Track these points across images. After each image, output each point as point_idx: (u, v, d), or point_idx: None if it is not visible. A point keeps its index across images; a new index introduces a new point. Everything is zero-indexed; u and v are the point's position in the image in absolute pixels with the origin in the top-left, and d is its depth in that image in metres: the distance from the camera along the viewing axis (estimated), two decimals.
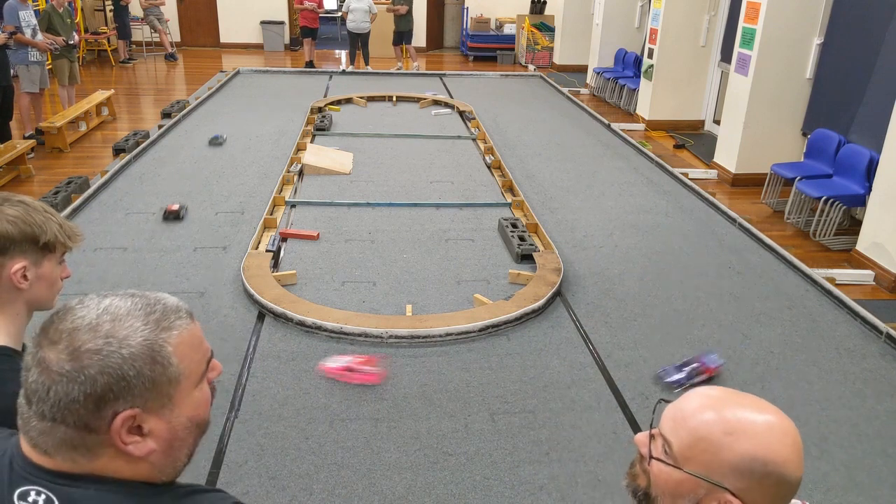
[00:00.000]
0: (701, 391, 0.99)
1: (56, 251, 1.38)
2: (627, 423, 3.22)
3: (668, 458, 0.95)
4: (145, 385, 0.88)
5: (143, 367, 0.88)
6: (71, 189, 5.66)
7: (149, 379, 0.88)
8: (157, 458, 0.92)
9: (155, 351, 0.89)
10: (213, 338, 3.72)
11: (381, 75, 11.70)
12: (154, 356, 0.89)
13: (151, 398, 0.89)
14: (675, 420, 0.96)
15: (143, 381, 0.88)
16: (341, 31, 15.16)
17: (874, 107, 5.83)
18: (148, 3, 12.67)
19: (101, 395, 0.86)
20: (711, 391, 0.98)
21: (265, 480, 2.79)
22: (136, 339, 0.88)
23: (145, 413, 0.89)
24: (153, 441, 0.91)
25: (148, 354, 0.88)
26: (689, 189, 6.40)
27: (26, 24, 7.04)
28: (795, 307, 4.33)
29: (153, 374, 0.89)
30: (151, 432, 0.90)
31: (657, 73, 9.01)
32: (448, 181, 6.38)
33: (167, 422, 0.91)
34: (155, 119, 8.64)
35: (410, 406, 3.28)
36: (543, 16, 13.95)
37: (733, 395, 0.97)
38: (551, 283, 4.34)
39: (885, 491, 2.87)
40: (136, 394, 0.88)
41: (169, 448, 0.93)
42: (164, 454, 0.92)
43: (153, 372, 0.89)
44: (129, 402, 0.88)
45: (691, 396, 0.98)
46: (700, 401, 0.96)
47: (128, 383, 0.87)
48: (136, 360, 0.88)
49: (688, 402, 0.97)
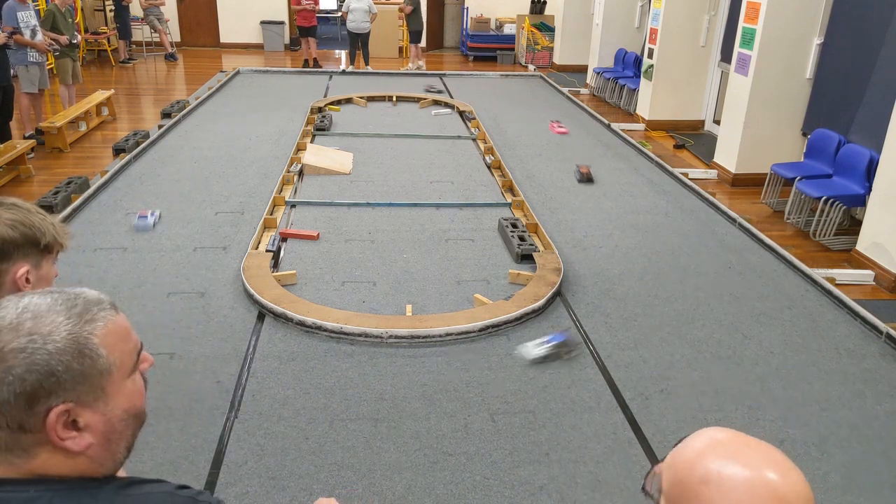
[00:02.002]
0: (710, 432, 0.93)
1: (53, 252, 1.39)
2: (627, 423, 3.22)
3: (656, 495, 0.93)
4: (76, 379, 0.89)
5: (70, 361, 0.88)
6: (71, 189, 5.66)
7: (78, 372, 0.89)
8: (95, 451, 0.92)
9: (81, 344, 0.89)
10: (213, 338, 3.72)
11: (381, 75, 11.70)
12: (81, 349, 0.89)
13: (84, 391, 0.90)
14: (672, 457, 0.93)
15: (72, 375, 0.88)
16: (341, 31, 15.16)
17: (874, 107, 5.83)
18: (148, 3, 12.68)
19: (32, 394, 0.86)
20: (719, 433, 0.92)
21: (265, 480, 2.79)
22: (61, 333, 0.88)
23: (79, 407, 0.90)
24: (90, 435, 0.91)
25: (74, 348, 0.89)
26: (689, 189, 6.40)
27: (25, 24, 7.03)
28: (795, 307, 4.33)
29: (82, 367, 0.89)
30: (88, 426, 0.91)
31: (657, 73, 9.01)
32: (448, 181, 6.38)
33: (102, 414, 0.92)
34: (155, 119, 8.64)
35: (410, 406, 3.28)
36: (543, 16, 13.95)
37: (740, 442, 0.90)
38: (551, 283, 4.34)
39: (884, 492, 2.87)
40: (68, 388, 0.88)
41: (107, 441, 0.93)
42: (102, 447, 0.93)
43: (82, 365, 0.89)
44: (62, 397, 0.88)
45: (698, 436, 0.93)
46: (701, 442, 0.92)
47: (57, 378, 0.87)
48: (63, 355, 0.88)
49: (691, 441, 0.93)
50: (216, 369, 3.47)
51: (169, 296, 4.16)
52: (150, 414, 1.02)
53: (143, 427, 1.01)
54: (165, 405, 3.15)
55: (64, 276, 1.55)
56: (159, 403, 3.14)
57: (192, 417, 3.12)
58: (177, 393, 3.27)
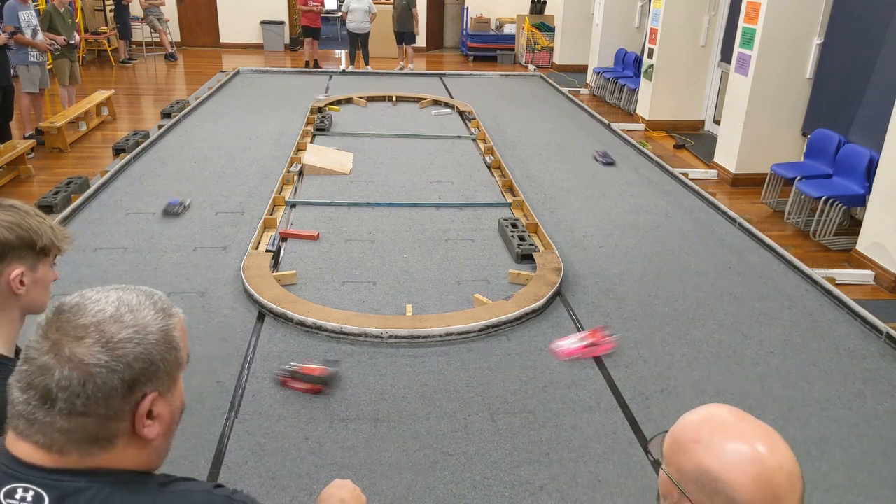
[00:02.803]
0: (713, 406, 0.97)
1: (50, 255, 1.38)
2: (627, 423, 3.22)
3: (659, 457, 0.98)
4: (166, 369, 0.95)
5: (164, 352, 0.95)
6: (71, 189, 5.66)
7: (168, 363, 0.95)
8: (159, 441, 0.98)
9: (170, 336, 0.96)
10: (213, 338, 3.72)
11: (381, 75, 11.70)
12: (169, 341, 0.96)
13: (166, 382, 0.96)
14: (675, 424, 0.98)
15: (166, 366, 0.95)
16: (341, 31, 15.16)
17: (874, 107, 5.83)
18: (148, 3, 12.68)
19: (134, 381, 0.91)
20: (720, 408, 0.96)
21: (265, 480, 2.79)
22: (156, 326, 0.95)
23: (160, 397, 0.95)
24: (158, 424, 0.96)
25: (166, 340, 0.95)
26: (689, 189, 6.40)
27: (26, 24, 7.03)
28: (795, 307, 4.33)
29: (171, 358, 0.96)
30: (159, 416, 0.96)
31: (657, 73, 9.01)
32: (448, 181, 6.38)
33: (170, 405, 0.98)
34: (155, 119, 8.64)
35: (410, 406, 3.28)
36: (543, 16, 13.95)
37: (738, 417, 0.94)
38: (551, 283, 4.34)
39: (885, 491, 2.87)
40: (159, 378, 0.94)
41: (168, 431, 0.99)
42: (164, 437, 0.98)
43: (171, 356, 0.96)
44: (154, 386, 0.94)
45: (701, 407, 0.98)
46: (702, 412, 0.96)
47: (157, 368, 0.94)
48: (160, 346, 0.94)
49: (694, 410, 0.98)
50: (216, 369, 3.47)
51: (169, 296, 4.08)
52: None
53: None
54: None
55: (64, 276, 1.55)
56: None
57: (192, 417, 3.11)
58: None
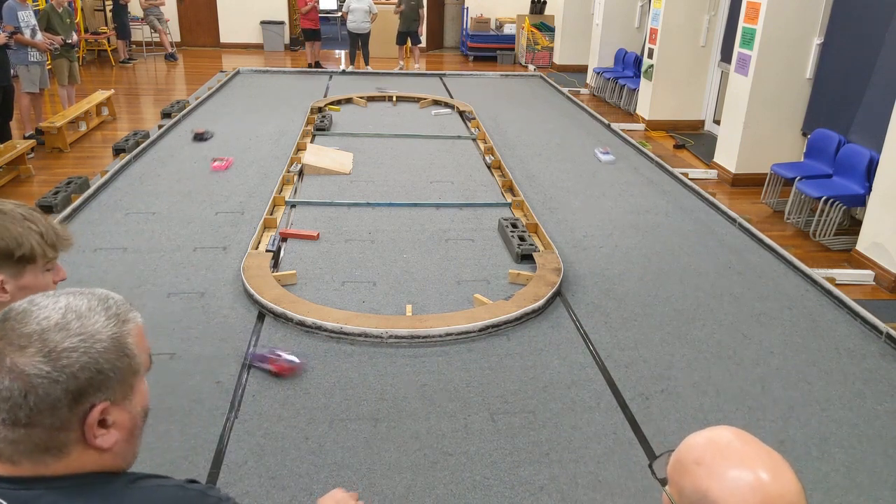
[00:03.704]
0: (718, 429, 0.96)
1: (37, 262, 1.34)
2: (627, 423, 3.22)
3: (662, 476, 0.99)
4: (117, 377, 0.92)
5: (115, 360, 0.92)
6: (71, 189, 5.66)
7: (120, 371, 0.92)
8: (120, 447, 0.96)
9: (122, 344, 0.93)
10: (213, 338, 3.72)
11: (381, 75, 11.70)
12: (122, 349, 0.93)
13: (119, 390, 0.93)
14: (680, 445, 0.98)
15: (115, 374, 0.92)
16: (341, 31, 15.16)
17: (874, 107, 5.83)
18: (148, 3, 12.68)
19: (80, 391, 0.89)
20: (725, 431, 0.95)
21: (265, 480, 2.79)
22: (105, 333, 0.91)
23: (112, 405, 0.93)
24: (117, 431, 0.95)
25: (117, 348, 0.92)
26: (689, 189, 6.40)
27: (25, 24, 7.04)
28: (795, 307, 4.33)
29: (122, 366, 0.93)
30: (115, 423, 0.94)
31: (657, 73, 9.01)
32: (448, 181, 6.38)
33: (128, 412, 0.96)
34: (155, 119, 8.63)
35: (410, 406, 3.28)
36: (543, 16, 13.95)
37: (743, 441, 0.93)
38: (551, 283, 4.34)
39: (885, 492, 2.87)
40: (110, 386, 0.92)
41: (130, 436, 0.97)
42: (126, 443, 0.97)
43: (122, 364, 0.93)
44: (103, 395, 0.91)
45: (706, 430, 0.97)
46: (706, 434, 0.96)
47: (105, 377, 0.90)
48: (109, 353, 0.91)
49: (699, 432, 0.97)
50: (216, 369, 3.46)
51: (169, 296, 4.16)
52: (150, 414, 1.03)
53: (144, 427, 1.02)
54: (165, 405, 3.15)
55: None
56: (159, 404, 3.13)
57: (192, 417, 3.12)
58: (177, 393, 3.26)
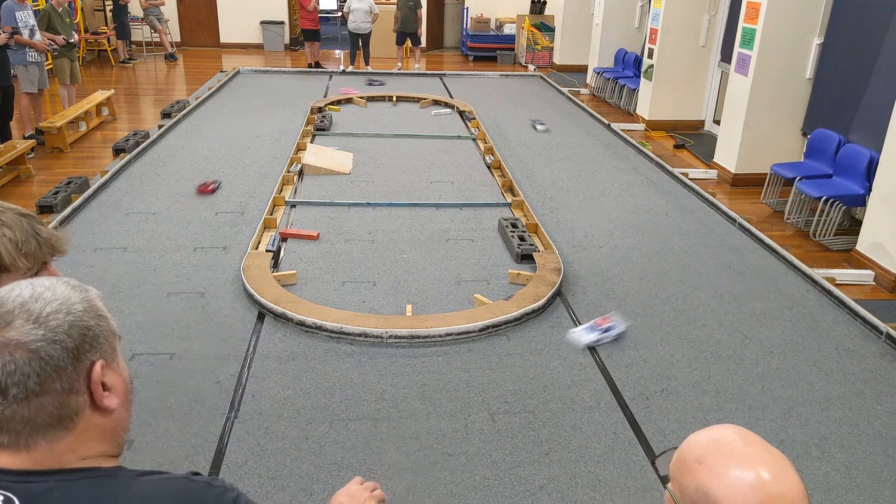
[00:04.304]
0: (721, 428, 0.96)
1: (12, 271, 1.27)
2: (627, 423, 3.22)
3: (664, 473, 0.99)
4: (103, 335, 0.95)
5: (95, 319, 0.94)
6: (71, 189, 5.66)
7: (103, 329, 0.95)
8: (120, 413, 0.97)
9: (94, 306, 0.95)
10: (213, 338, 3.72)
11: (381, 75, 11.70)
12: (95, 310, 0.95)
13: (108, 349, 0.95)
14: (683, 443, 0.98)
15: (101, 331, 0.94)
16: (341, 31, 15.16)
17: (874, 107, 5.83)
18: (148, 3, 12.68)
19: (78, 348, 0.91)
20: (729, 430, 0.94)
21: (265, 480, 2.79)
22: (77, 297, 0.94)
23: (107, 367, 0.95)
24: (115, 395, 0.96)
25: (91, 308, 0.94)
26: (689, 189, 6.40)
27: (23, 24, 7.03)
28: (795, 307, 4.33)
29: (104, 325, 0.95)
30: (113, 386, 0.96)
31: (657, 73, 9.01)
32: (448, 181, 6.38)
33: (119, 375, 0.98)
34: (155, 119, 8.64)
35: (410, 406, 3.28)
36: (543, 16, 13.95)
37: (746, 440, 0.92)
38: (551, 283, 4.34)
39: (885, 492, 2.87)
40: (99, 344, 0.94)
41: (125, 402, 0.99)
42: (123, 409, 0.98)
43: (103, 323, 0.95)
44: (98, 353, 0.93)
45: (709, 428, 0.97)
46: (709, 433, 0.95)
47: (94, 334, 0.93)
48: (89, 314, 0.93)
49: (702, 430, 0.97)
50: (216, 369, 3.46)
51: (169, 296, 4.16)
52: (150, 414, 1.03)
53: (143, 427, 1.02)
54: (165, 405, 3.15)
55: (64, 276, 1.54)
56: (159, 403, 3.13)
57: (192, 417, 3.11)
58: (177, 393, 3.26)
